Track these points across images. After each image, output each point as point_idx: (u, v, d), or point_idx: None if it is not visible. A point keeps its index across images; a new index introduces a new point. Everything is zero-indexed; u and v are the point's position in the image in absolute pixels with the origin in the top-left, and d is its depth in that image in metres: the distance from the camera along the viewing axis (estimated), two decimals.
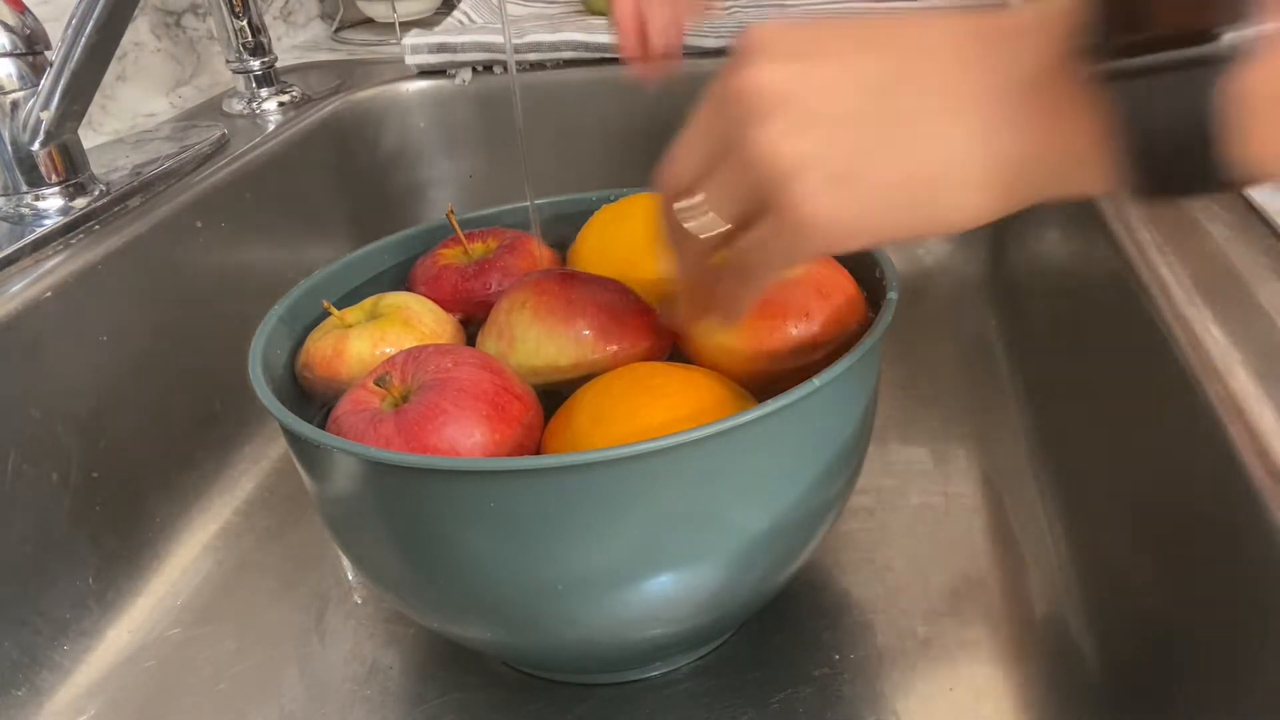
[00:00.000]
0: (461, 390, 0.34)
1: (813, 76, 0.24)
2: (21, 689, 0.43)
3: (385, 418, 0.33)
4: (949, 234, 0.25)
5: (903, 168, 0.23)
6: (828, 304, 0.37)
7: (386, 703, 0.41)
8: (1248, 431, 0.28)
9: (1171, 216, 0.40)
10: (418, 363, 0.35)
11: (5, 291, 0.45)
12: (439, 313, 0.42)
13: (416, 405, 0.33)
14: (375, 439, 0.33)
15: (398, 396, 0.35)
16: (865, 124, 0.23)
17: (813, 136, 0.23)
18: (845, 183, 0.23)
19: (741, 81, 0.24)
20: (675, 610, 0.34)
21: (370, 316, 0.41)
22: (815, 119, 0.24)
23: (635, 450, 0.29)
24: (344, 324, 0.40)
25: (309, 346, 0.40)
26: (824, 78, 0.24)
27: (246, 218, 0.61)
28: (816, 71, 0.24)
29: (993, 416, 0.55)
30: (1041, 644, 0.40)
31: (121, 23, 0.50)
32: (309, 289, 0.42)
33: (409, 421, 0.33)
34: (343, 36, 0.95)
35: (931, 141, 0.23)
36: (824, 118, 0.24)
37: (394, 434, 0.33)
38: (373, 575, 0.37)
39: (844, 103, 0.23)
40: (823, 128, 0.23)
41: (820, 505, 0.35)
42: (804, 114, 0.24)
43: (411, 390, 0.35)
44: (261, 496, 0.55)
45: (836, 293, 0.37)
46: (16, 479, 0.43)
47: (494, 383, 0.35)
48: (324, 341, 0.40)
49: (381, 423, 0.33)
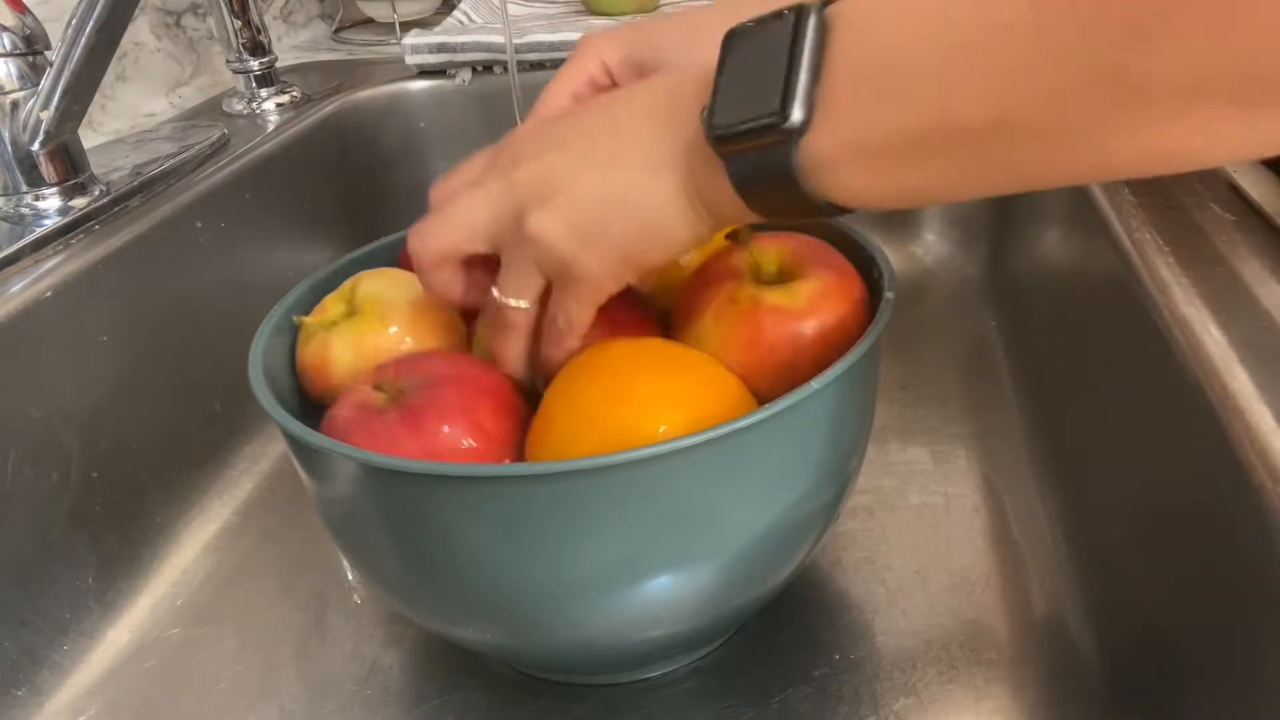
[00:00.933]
0: (462, 382, 0.35)
1: (559, 167, 0.32)
2: (21, 689, 0.43)
3: (387, 410, 0.33)
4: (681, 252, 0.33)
5: (635, 218, 0.31)
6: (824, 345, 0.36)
7: (386, 703, 0.41)
8: (1248, 431, 0.28)
9: (1171, 217, 0.40)
10: (413, 366, 0.36)
11: (5, 291, 0.45)
12: (415, 290, 0.40)
13: (418, 397, 0.34)
14: (380, 431, 0.33)
15: (395, 394, 0.35)
16: (602, 195, 0.31)
17: (568, 215, 0.32)
18: (596, 240, 0.31)
19: (512, 178, 0.33)
20: (675, 611, 0.34)
21: (349, 310, 0.40)
22: (568, 202, 0.32)
23: (636, 455, 0.29)
24: (325, 324, 0.40)
25: (300, 351, 0.40)
26: (568, 165, 0.32)
27: (246, 218, 0.61)
28: (561, 161, 0.32)
29: (993, 416, 0.55)
30: (1041, 644, 0.40)
31: (121, 23, 0.50)
32: (309, 289, 0.42)
33: (412, 411, 0.33)
34: (343, 36, 0.95)
35: (651, 197, 0.31)
36: (573, 199, 0.31)
37: (397, 423, 0.33)
38: (373, 577, 0.37)
39: (586, 183, 0.31)
40: (575, 206, 0.31)
41: (820, 506, 0.35)
42: (558, 199, 0.32)
43: (410, 387, 0.35)
44: (261, 496, 0.55)
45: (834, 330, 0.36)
46: (16, 479, 0.43)
47: (492, 377, 0.36)
48: (311, 348, 0.39)
49: (384, 414, 0.33)
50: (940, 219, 0.73)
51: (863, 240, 0.40)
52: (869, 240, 0.40)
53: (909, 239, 0.74)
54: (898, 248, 0.73)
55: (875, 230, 0.41)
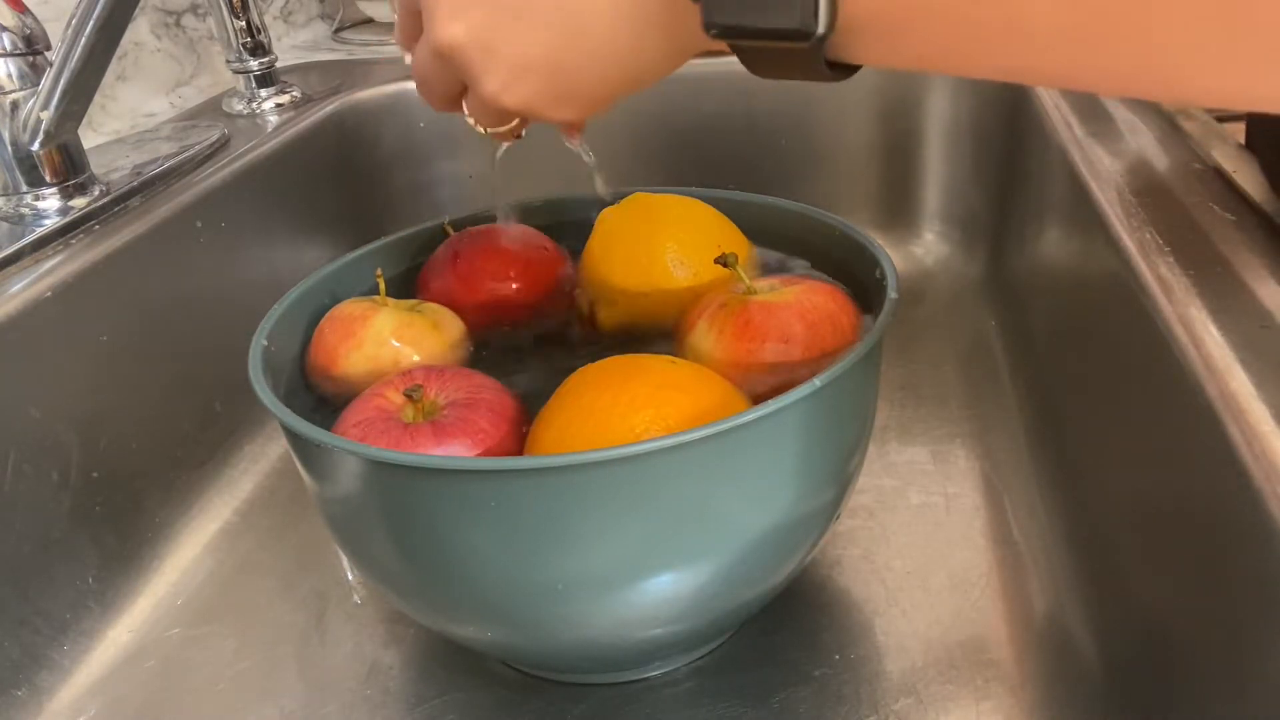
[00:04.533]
0: (493, 410, 0.35)
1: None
2: (21, 689, 0.43)
3: (420, 428, 0.34)
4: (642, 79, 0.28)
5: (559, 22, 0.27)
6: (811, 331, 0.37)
7: (386, 703, 0.41)
8: (1248, 432, 0.28)
9: (1171, 217, 0.40)
10: (443, 380, 0.36)
11: (5, 291, 0.45)
12: (464, 332, 0.42)
13: (452, 419, 0.34)
14: (411, 449, 0.33)
15: (427, 409, 0.35)
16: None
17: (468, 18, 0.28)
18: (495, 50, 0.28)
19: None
20: (675, 610, 0.34)
21: (408, 308, 0.42)
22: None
23: (635, 450, 0.29)
24: (382, 301, 0.41)
25: (341, 305, 0.41)
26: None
27: (246, 218, 0.61)
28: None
29: (993, 416, 0.55)
30: (1041, 644, 0.40)
31: (121, 23, 0.50)
32: (309, 289, 0.42)
33: (448, 435, 0.33)
34: (343, 36, 0.95)
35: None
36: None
37: (432, 445, 0.33)
38: (373, 574, 0.37)
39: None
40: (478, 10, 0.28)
41: (820, 505, 0.35)
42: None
43: (440, 405, 0.35)
44: (261, 496, 0.55)
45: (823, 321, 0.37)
46: (16, 479, 0.43)
47: (518, 408, 0.36)
48: (356, 305, 0.41)
49: (417, 432, 0.34)
50: (940, 219, 0.73)
51: (865, 241, 0.40)
52: (871, 241, 0.40)
53: (909, 239, 0.74)
54: (898, 248, 0.73)
55: (875, 230, 0.41)
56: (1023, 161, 0.62)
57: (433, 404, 0.35)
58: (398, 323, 0.40)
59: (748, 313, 0.37)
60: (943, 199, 0.73)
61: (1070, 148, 0.50)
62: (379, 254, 0.46)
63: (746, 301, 0.38)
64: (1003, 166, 0.67)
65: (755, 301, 0.37)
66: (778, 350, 0.36)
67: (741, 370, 0.36)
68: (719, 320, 0.38)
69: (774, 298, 0.38)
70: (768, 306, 0.37)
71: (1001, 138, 0.67)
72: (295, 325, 0.41)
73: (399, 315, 0.40)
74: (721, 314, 0.38)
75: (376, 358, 0.39)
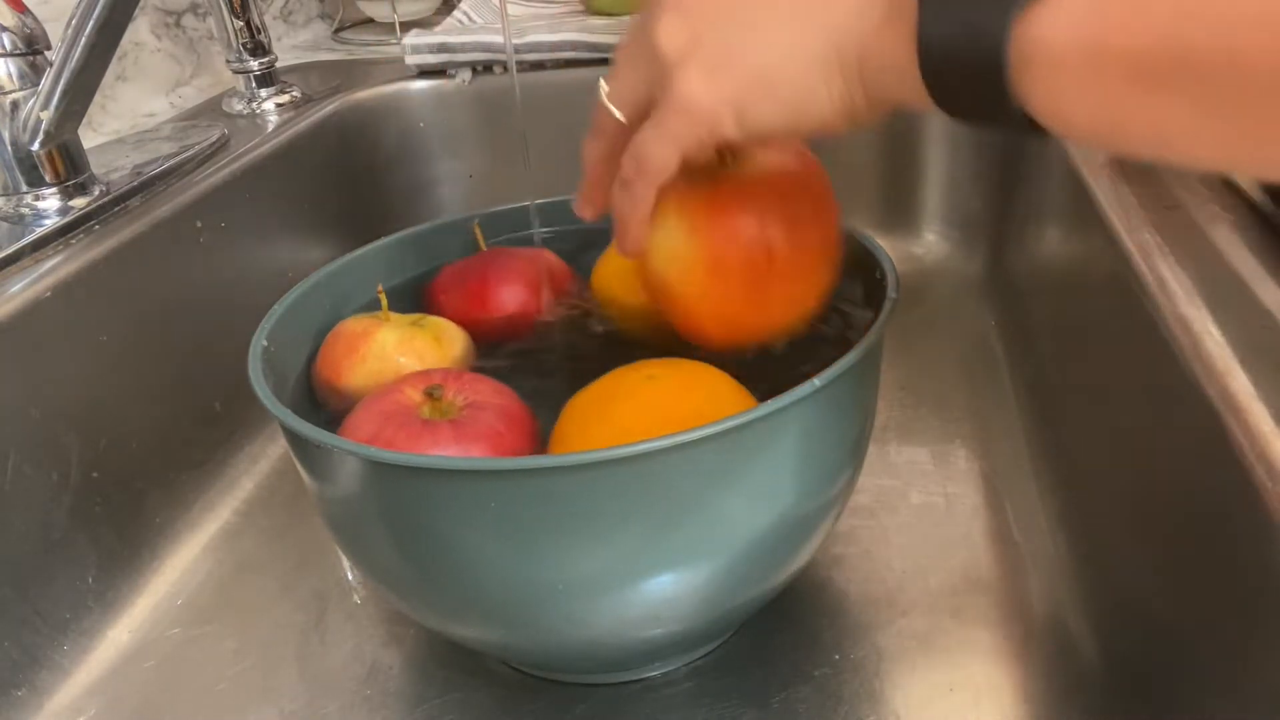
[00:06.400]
0: (511, 416, 0.36)
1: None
2: (21, 689, 0.43)
3: (439, 425, 0.34)
4: (824, 129, 0.29)
5: (762, 56, 0.28)
6: (789, 205, 0.35)
7: (386, 703, 0.41)
8: (1248, 431, 0.28)
9: (1171, 217, 0.40)
10: (461, 383, 0.37)
11: (5, 291, 0.45)
12: (468, 346, 0.43)
13: (472, 421, 0.35)
14: (430, 445, 0.34)
15: (444, 410, 0.36)
16: (732, 22, 0.28)
17: (693, 25, 0.28)
18: (718, 70, 0.28)
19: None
20: (675, 610, 0.34)
21: (410, 322, 0.42)
22: (691, 20, 0.29)
23: (636, 450, 0.29)
24: (384, 317, 0.42)
25: (345, 321, 0.42)
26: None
27: (246, 218, 0.61)
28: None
29: (993, 416, 0.55)
30: (1041, 644, 0.40)
31: (121, 23, 0.50)
32: (309, 289, 0.42)
33: (466, 436, 0.34)
34: (343, 36, 0.95)
35: (785, 35, 0.27)
36: (697, 18, 0.28)
37: (451, 443, 0.34)
38: (373, 575, 0.37)
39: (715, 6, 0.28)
40: (703, 16, 0.28)
41: (820, 505, 0.35)
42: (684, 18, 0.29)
43: (458, 406, 0.36)
44: (261, 496, 0.55)
45: (801, 194, 0.35)
46: (16, 479, 0.43)
47: (532, 418, 0.37)
48: (359, 321, 0.42)
49: (437, 429, 0.34)
50: (940, 219, 0.73)
51: (867, 242, 0.40)
52: (873, 242, 0.40)
53: (909, 239, 0.74)
54: (898, 248, 0.73)
55: (875, 230, 0.41)
56: (1023, 161, 0.63)
57: (450, 404, 0.36)
58: (400, 337, 0.41)
59: (715, 186, 0.35)
60: (943, 199, 0.73)
61: (1070, 148, 0.50)
62: (380, 253, 0.46)
63: (713, 174, 0.35)
64: (1003, 166, 0.67)
65: (721, 174, 0.35)
66: (753, 229, 0.34)
67: (715, 261, 0.34)
68: (687, 197, 0.35)
69: (740, 170, 0.36)
70: (733, 177, 0.35)
71: (1001, 138, 0.67)
72: (295, 326, 0.41)
73: (401, 330, 0.41)
74: (688, 189, 0.35)
75: (380, 372, 0.40)
